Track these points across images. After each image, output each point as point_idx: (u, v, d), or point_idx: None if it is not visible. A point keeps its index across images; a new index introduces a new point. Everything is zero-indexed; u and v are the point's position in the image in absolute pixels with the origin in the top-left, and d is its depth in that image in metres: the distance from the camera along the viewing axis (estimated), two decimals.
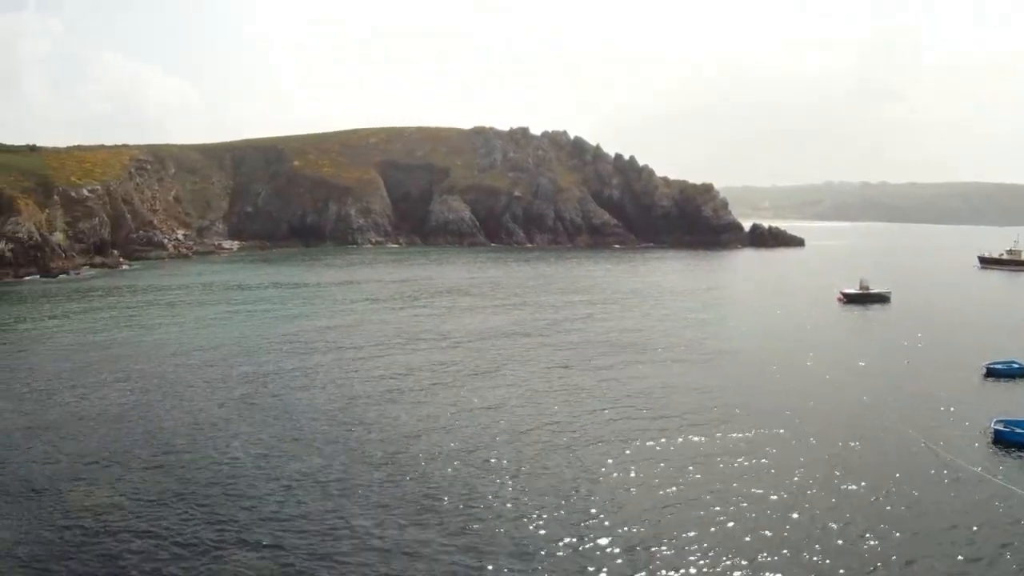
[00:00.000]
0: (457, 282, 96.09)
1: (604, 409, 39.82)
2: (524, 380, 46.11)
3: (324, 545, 23.88)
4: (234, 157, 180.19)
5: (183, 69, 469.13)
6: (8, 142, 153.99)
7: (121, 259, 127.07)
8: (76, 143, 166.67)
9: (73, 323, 65.48)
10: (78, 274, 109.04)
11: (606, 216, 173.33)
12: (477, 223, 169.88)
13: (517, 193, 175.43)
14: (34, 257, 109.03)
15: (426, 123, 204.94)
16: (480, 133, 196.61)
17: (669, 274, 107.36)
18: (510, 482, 29.38)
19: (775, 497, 28.16)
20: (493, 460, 31.97)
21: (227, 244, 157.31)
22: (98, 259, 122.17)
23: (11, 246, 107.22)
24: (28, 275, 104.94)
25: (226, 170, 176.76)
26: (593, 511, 26.96)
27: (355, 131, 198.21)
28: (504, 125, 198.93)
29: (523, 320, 68.00)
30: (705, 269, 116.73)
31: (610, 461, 32.09)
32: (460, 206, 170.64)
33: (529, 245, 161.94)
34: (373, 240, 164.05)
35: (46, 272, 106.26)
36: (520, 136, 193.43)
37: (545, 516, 26.37)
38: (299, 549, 23.57)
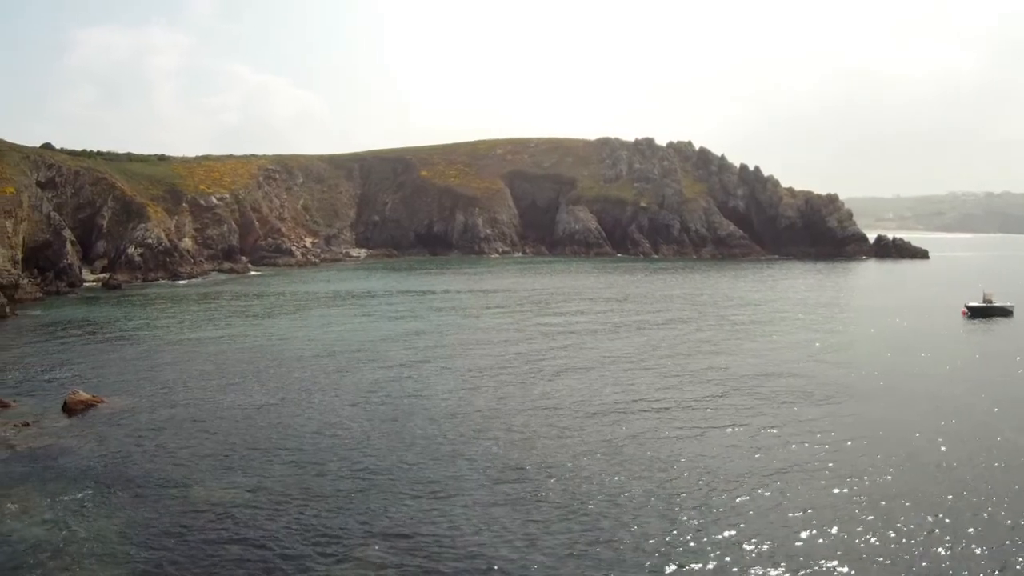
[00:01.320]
0: (585, 292, 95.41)
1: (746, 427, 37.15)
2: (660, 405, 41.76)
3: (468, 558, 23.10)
4: (362, 167, 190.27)
5: (310, 81, 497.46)
6: (139, 152, 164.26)
7: (249, 265, 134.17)
8: (205, 153, 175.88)
9: (200, 325, 69.07)
10: (206, 279, 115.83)
11: (731, 227, 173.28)
12: (603, 233, 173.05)
13: (643, 203, 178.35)
14: (163, 262, 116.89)
15: (552, 133, 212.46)
16: (606, 143, 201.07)
17: (798, 287, 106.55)
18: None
19: (928, 519, 26.46)
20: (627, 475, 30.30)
21: (354, 252, 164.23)
22: (226, 265, 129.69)
23: (141, 251, 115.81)
24: (157, 279, 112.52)
25: (354, 180, 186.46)
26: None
27: (482, 141, 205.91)
28: (627, 134, 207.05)
29: (655, 335, 64.40)
30: (832, 281, 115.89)
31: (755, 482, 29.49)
32: (587, 216, 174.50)
33: (655, 256, 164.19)
34: (500, 249, 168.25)
35: (175, 276, 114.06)
36: (645, 146, 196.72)
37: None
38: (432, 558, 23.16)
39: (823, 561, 23.31)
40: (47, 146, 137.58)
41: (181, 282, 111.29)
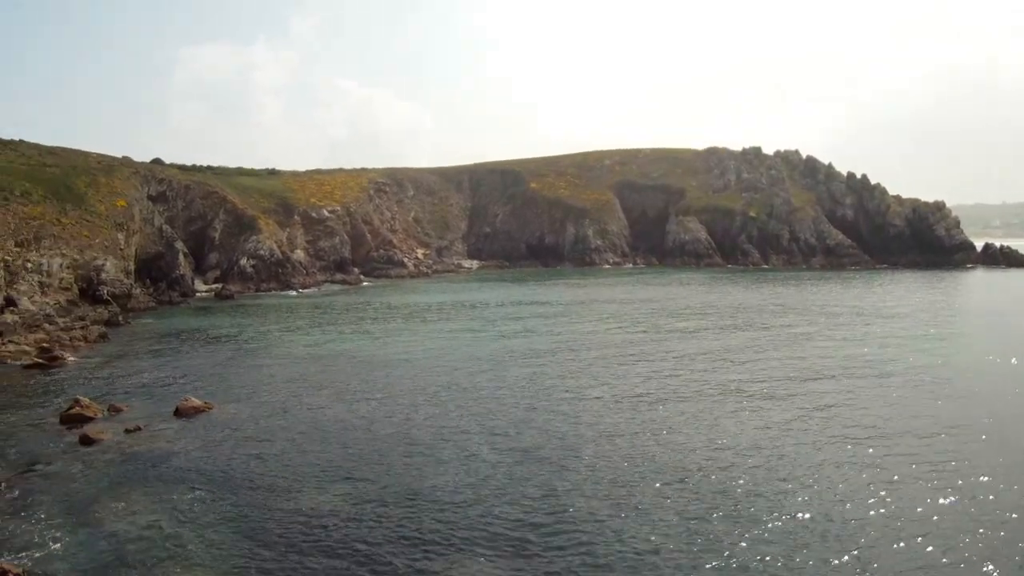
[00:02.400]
0: (698, 303, 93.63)
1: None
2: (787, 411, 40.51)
3: None
4: (471, 179, 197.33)
5: (415, 93, 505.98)
6: (249, 166, 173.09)
7: (361, 276, 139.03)
8: (315, 167, 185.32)
9: (310, 335, 70.55)
10: (318, 290, 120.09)
11: (840, 236, 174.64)
12: (713, 243, 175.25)
13: (751, 213, 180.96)
14: (276, 273, 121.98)
15: (659, 144, 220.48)
16: (713, 153, 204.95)
17: (912, 296, 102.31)
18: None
19: None
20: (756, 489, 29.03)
21: (466, 263, 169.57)
22: (338, 276, 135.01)
23: (253, 262, 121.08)
24: (270, 289, 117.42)
25: (464, 192, 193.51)
26: None
27: (590, 153, 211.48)
28: (734, 143, 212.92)
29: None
30: (943, 291, 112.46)
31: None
32: (696, 227, 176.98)
33: (765, 266, 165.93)
34: (610, 260, 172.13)
35: (287, 287, 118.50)
36: (753, 156, 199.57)
37: None
38: None
39: None
40: (157, 161, 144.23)
41: (293, 293, 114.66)
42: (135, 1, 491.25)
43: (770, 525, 26.19)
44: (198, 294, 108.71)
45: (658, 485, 29.88)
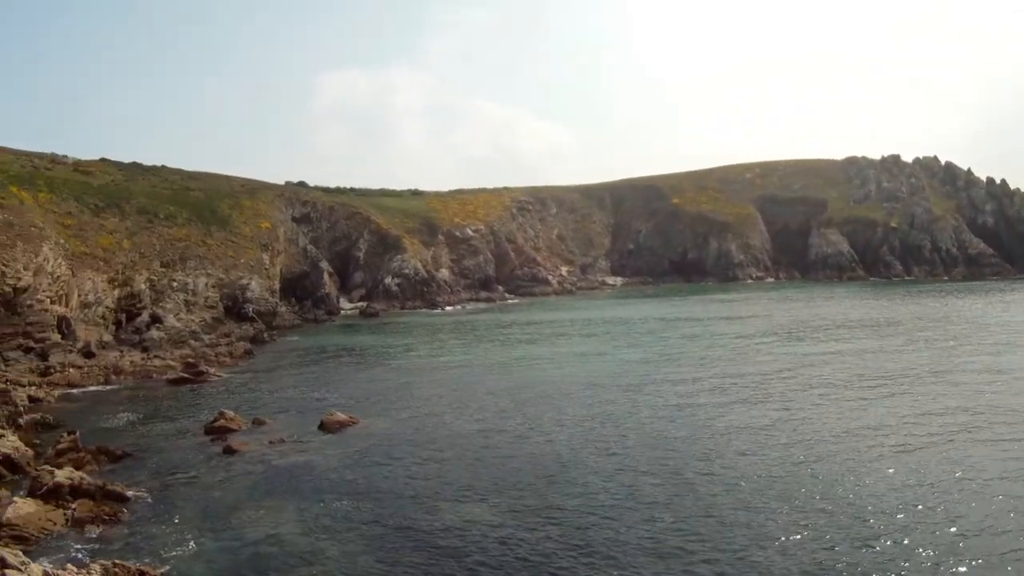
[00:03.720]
0: (847, 318, 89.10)
1: None
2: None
3: None
4: (613, 196, 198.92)
5: (552, 111, 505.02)
6: (392, 187, 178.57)
7: (506, 294, 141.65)
8: (457, 187, 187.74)
9: (454, 352, 71.38)
10: (463, 307, 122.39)
11: (982, 245, 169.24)
12: (855, 256, 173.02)
13: (892, 224, 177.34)
14: (420, 291, 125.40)
15: (799, 155, 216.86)
16: (853, 163, 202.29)
17: None
18: None
19: None
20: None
21: (610, 280, 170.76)
22: (483, 294, 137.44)
23: (398, 281, 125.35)
24: (415, 308, 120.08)
25: (606, 209, 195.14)
26: None
27: (731, 166, 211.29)
28: (874, 152, 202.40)
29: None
30: None
31: None
32: (838, 239, 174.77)
33: (908, 278, 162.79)
34: (753, 275, 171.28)
35: (432, 305, 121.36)
36: (892, 164, 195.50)
37: None
38: None
39: None
40: (301, 184, 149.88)
41: (438, 311, 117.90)
42: (273, 31, 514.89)
43: None
44: (343, 312, 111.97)
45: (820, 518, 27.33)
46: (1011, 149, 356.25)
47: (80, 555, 25.36)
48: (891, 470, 31.82)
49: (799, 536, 25.33)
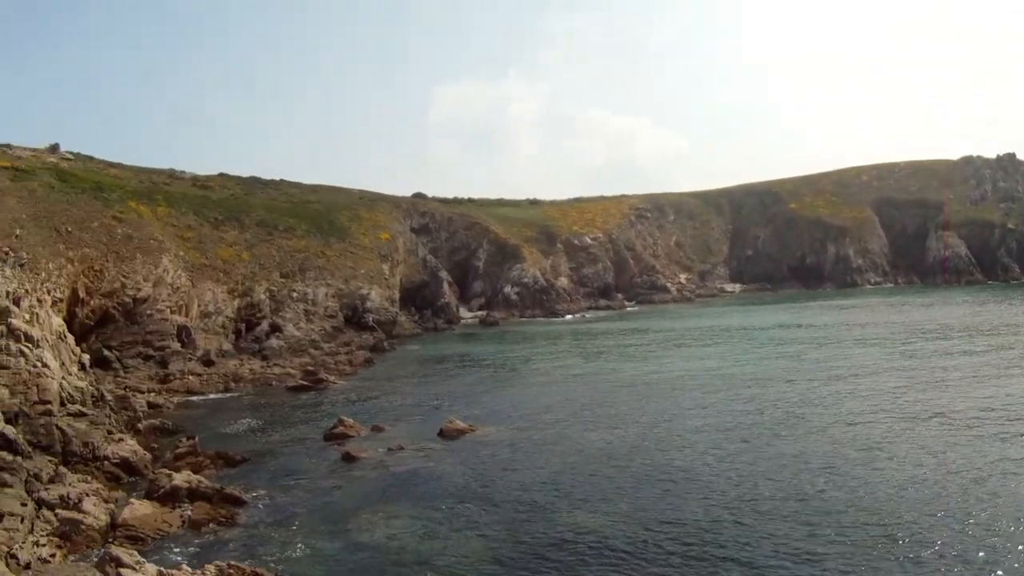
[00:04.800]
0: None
1: None
2: None
3: None
4: (730, 202, 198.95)
5: (667, 118, 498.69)
6: (509, 197, 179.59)
7: (625, 302, 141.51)
8: (575, 195, 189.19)
9: (573, 360, 71.67)
10: (582, 316, 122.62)
11: None
12: (972, 259, 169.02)
13: (1010, 225, 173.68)
14: (540, 300, 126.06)
15: (915, 156, 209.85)
16: (969, 163, 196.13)
17: None
18: None
19: None
20: None
21: (729, 287, 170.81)
22: (602, 302, 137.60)
23: (517, 289, 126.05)
24: (534, 316, 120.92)
25: (724, 215, 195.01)
26: None
27: (847, 169, 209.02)
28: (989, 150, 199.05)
29: None
30: None
31: None
32: (956, 242, 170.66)
33: None
34: (871, 280, 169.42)
35: (552, 313, 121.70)
36: (1008, 162, 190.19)
37: None
38: None
39: None
40: (419, 195, 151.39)
41: (557, 319, 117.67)
42: (387, 46, 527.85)
43: None
44: (463, 321, 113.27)
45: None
46: None
47: (195, 556, 25.69)
48: None
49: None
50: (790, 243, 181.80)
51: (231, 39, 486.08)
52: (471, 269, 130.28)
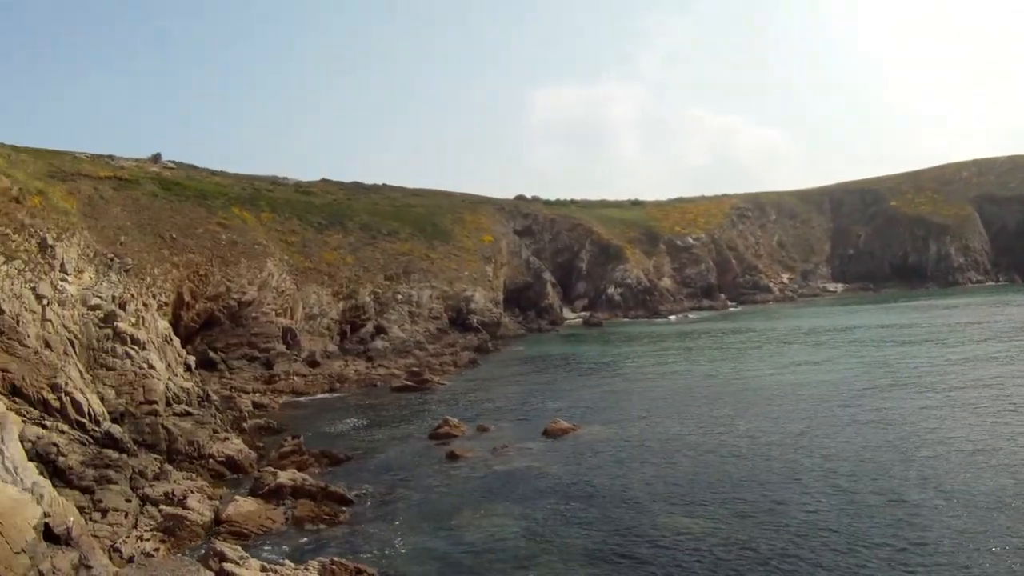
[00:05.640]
0: None
1: None
2: None
3: None
4: (831, 200, 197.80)
5: (768, 116, 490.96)
6: (611, 198, 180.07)
7: (728, 302, 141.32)
8: (676, 196, 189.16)
9: (676, 361, 71.30)
10: (686, 316, 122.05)
11: None
12: None
13: None
14: (643, 300, 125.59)
15: (1015, 151, 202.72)
16: None
17: None
18: None
19: None
20: None
21: (831, 287, 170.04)
22: (705, 302, 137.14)
23: (620, 290, 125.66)
24: (637, 317, 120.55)
25: (825, 213, 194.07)
26: None
27: (946, 165, 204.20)
28: None
29: None
30: None
31: None
32: None
33: None
34: (973, 279, 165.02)
35: (655, 314, 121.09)
36: None
37: None
38: None
39: None
40: (520, 197, 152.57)
41: (660, 320, 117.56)
42: (482, 51, 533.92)
43: None
44: (567, 322, 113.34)
45: None
46: None
47: (298, 553, 25.85)
48: None
49: None
50: (891, 242, 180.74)
51: (332, 49, 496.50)
52: (574, 270, 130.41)
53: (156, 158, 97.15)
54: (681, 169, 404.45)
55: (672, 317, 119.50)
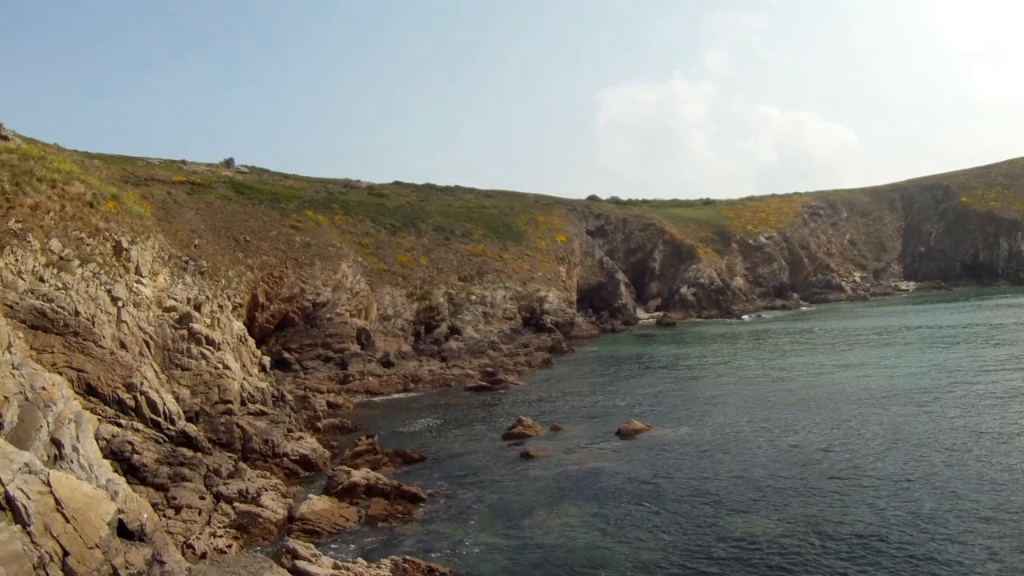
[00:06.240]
0: None
1: None
2: None
3: None
4: (902, 197, 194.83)
5: (837, 113, 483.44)
6: (683, 197, 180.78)
7: (800, 301, 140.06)
8: (747, 194, 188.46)
9: (749, 361, 70.80)
10: (759, 316, 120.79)
11: None
12: None
13: None
14: (716, 300, 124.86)
15: None
16: None
17: None
18: None
19: None
20: None
21: (903, 285, 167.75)
22: (778, 302, 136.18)
23: (693, 290, 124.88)
24: (710, 317, 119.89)
25: (896, 211, 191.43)
26: None
27: (1016, 160, 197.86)
28: None
29: None
30: None
31: None
32: None
33: None
34: None
35: (728, 314, 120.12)
36: None
37: None
38: None
39: None
40: (592, 198, 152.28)
41: (733, 320, 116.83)
42: (552, 52, 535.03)
43: None
44: (640, 322, 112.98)
45: None
46: None
47: (371, 551, 25.87)
48: None
49: None
50: (962, 239, 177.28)
51: (403, 53, 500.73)
52: (647, 270, 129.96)
53: (228, 162, 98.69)
54: (751, 167, 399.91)
55: (745, 317, 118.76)
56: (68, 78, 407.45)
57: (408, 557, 23.51)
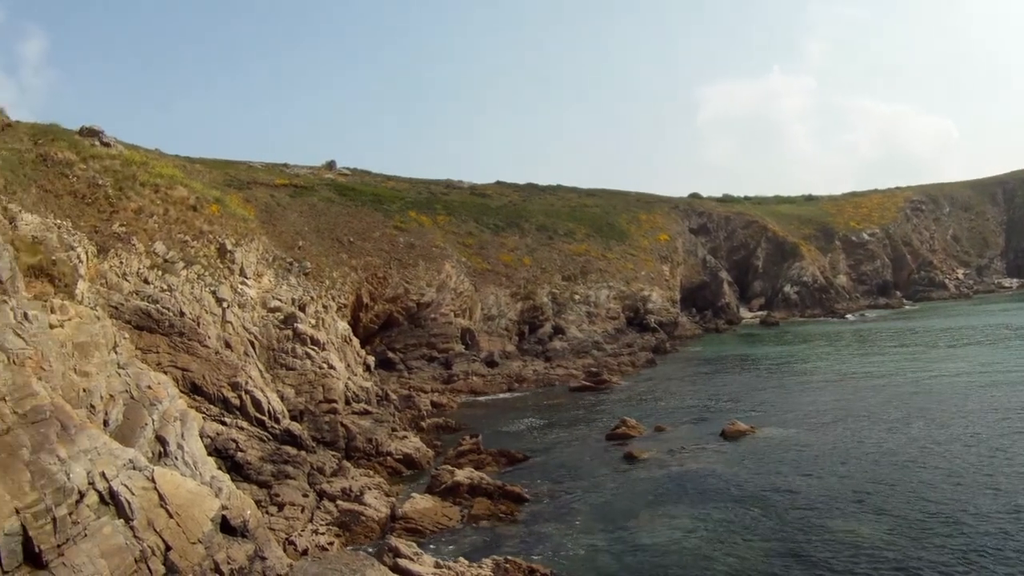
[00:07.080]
0: None
1: None
2: None
3: None
4: (1005, 190, 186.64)
5: (936, 104, 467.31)
6: (785, 194, 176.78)
7: (904, 300, 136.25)
8: (849, 189, 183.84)
9: (854, 361, 69.28)
10: (863, 315, 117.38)
11: None
12: None
13: None
14: (819, 299, 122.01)
15: None
16: None
17: None
18: None
19: None
20: None
21: (1006, 283, 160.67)
22: (881, 300, 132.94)
23: (796, 289, 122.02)
24: (814, 316, 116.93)
25: (998, 205, 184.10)
26: None
27: None
28: None
29: None
30: None
31: None
32: None
33: None
34: None
35: (831, 313, 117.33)
36: None
37: None
38: None
39: None
40: (694, 195, 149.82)
41: (837, 319, 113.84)
42: (651, 49, 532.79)
43: None
44: (743, 321, 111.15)
45: None
46: None
47: (473, 550, 25.73)
48: None
49: None
50: None
51: (500, 54, 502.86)
52: (750, 268, 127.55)
53: (331, 165, 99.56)
54: (852, 161, 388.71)
55: (849, 316, 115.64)
56: (162, 78, 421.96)
57: (510, 557, 23.33)
